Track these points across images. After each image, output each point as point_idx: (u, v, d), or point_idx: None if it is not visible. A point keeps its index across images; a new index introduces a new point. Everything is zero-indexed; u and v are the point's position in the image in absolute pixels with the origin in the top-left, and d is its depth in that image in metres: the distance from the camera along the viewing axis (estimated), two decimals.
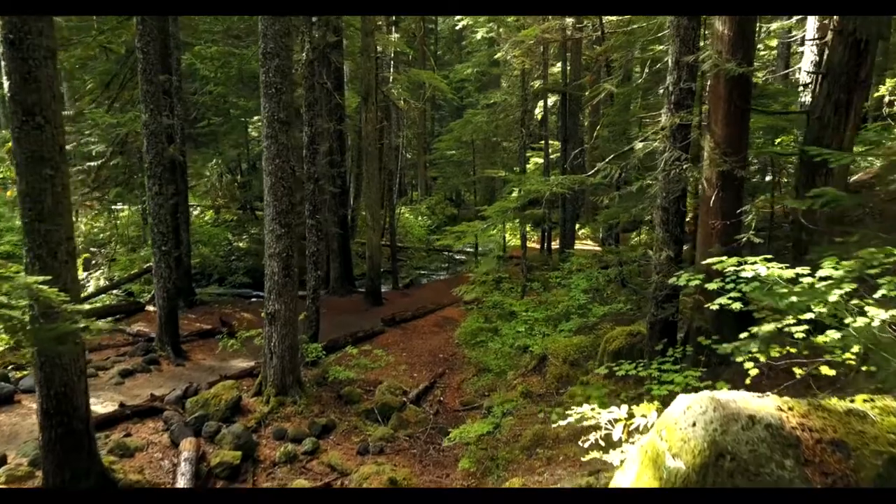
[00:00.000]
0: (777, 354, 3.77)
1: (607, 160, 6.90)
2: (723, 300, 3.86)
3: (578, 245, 20.19)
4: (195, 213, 21.67)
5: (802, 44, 14.09)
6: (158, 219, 9.82)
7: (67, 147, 12.61)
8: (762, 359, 3.79)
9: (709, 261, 3.50)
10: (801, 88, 11.82)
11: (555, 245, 19.65)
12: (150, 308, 12.80)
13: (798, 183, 6.04)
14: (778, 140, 11.77)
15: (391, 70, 21.62)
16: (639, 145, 6.52)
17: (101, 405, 8.25)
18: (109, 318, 12.34)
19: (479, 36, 21.70)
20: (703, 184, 6.25)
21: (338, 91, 15.31)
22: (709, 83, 6.01)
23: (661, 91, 7.34)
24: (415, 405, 9.17)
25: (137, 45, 9.36)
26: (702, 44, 6.55)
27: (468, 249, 22.07)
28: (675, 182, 6.51)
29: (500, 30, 19.24)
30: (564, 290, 12.14)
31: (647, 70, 14.03)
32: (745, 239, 5.78)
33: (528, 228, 17.23)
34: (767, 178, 10.34)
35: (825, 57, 5.95)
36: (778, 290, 2.91)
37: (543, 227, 19.28)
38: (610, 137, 12.27)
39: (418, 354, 11.66)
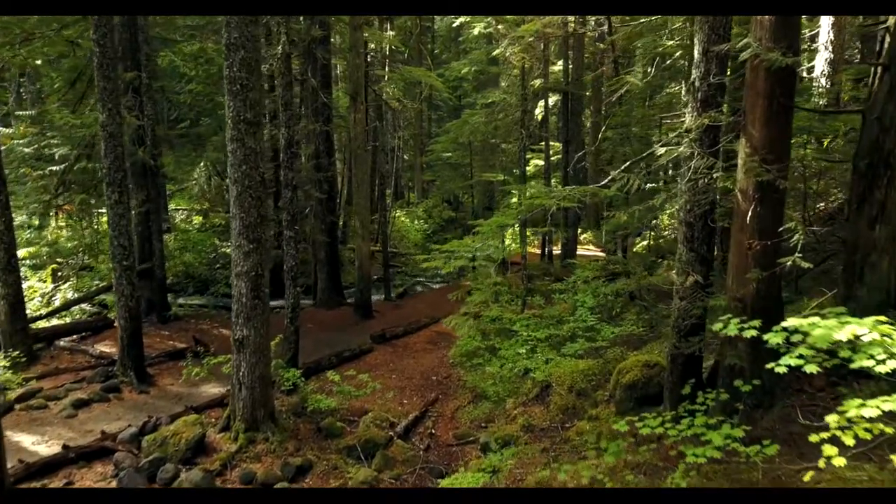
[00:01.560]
0: (869, 437, 2.83)
1: (622, 167, 5.93)
2: (791, 360, 2.89)
3: (580, 250, 19.25)
4: (181, 217, 20.72)
5: (814, 41, 13.16)
6: (119, 230, 8.83)
7: (27, 150, 11.73)
8: (850, 443, 2.85)
9: (793, 322, 2.53)
10: (816, 86, 10.90)
11: (556, 250, 18.74)
12: None
13: (852, 196, 5.07)
14: (792, 141, 10.86)
15: (385, 68, 20.62)
16: (661, 150, 5.55)
17: (45, 444, 7.29)
18: (74, 336, 11.39)
19: (476, 32, 20.79)
20: (736, 196, 5.28)
21: (325, 90, 14.35)
22: (746, 77, 5.04)
23: (686, 87, 6.39)
24: (403, 440, 8.20)
25: (93, 38, 8.35)
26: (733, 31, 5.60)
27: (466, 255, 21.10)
28: (703, 193, 5.56)
29: (499, 26, 18.33)
30: (568, 303, 11.17)
31: (651, 68, 13.07)
32: (789, 263, 4.80)
33: (528, 233, 16.31)
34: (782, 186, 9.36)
35: (885, 46, 4.99)
36: None
37: (545, 235, 18.36)
38: (618, 140, 11.30)
39: (409, 377, 10.69)
